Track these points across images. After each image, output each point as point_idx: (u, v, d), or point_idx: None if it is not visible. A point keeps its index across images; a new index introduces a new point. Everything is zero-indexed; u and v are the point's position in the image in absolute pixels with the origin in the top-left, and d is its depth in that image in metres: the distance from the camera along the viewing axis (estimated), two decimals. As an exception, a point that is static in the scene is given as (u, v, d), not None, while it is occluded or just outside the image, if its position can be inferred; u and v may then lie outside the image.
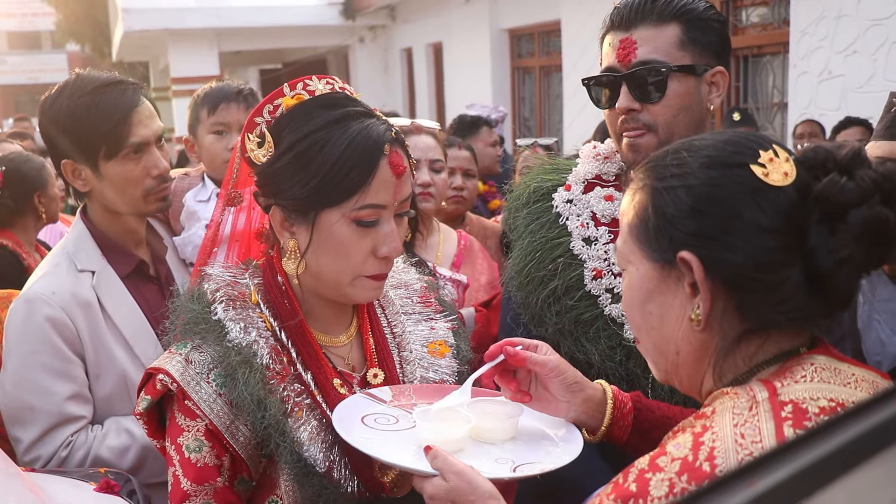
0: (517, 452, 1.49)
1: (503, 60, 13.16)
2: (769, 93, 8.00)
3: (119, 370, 2.18)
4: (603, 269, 1.95)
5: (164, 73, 20.35)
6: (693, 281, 1.18)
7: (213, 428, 1.49)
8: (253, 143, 1.56)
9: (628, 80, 1.88)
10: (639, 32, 1.87)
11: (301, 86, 1.55)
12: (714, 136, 1.27)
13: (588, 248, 1.98)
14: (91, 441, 2.12)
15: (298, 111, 1.53)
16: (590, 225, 2.00)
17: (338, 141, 1.48)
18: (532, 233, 2.04)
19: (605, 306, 1.92)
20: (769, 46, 7.82)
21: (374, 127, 1.51)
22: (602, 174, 2.07)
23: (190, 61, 16.34)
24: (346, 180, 1.48)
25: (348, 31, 17.68)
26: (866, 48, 6.38)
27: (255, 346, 1.52)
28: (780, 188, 1.15)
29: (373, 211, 1.52)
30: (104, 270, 2.25)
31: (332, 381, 1.59)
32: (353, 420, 1.48)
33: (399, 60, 17.43)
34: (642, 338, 1.31)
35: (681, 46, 1.87)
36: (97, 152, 2.20)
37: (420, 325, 1.78)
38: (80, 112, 2.18)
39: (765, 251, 1.14)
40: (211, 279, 1.62)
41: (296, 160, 1.50)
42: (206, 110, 2.86)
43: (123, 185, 2.24)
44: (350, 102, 1.55)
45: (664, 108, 1.87)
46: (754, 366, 1.20)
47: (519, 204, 2.12)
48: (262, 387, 1.48)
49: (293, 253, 1.57)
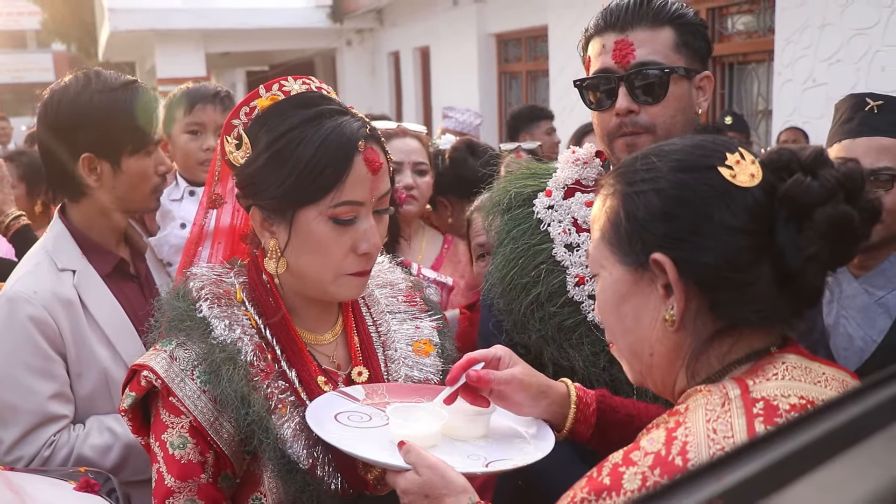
0: (489, 449, 1.49)
1: (490, 65, 13.19)
2: (754, 100, 8.05)
3: (101, 368, 2.17)
4: (585, 275, 1.95)
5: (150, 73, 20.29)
6: (666, 282, 1.20)
7: (197, 425, 1.49)
8: (231, 146, 1.57)
9: (627, 81, 1.87)
10: (635, 34, 1.87)
11: (277, 87, 1.56)
12: (682, 140, 1.30)
13: (570, 254, 1.98)
14: (73, 440, 2.11)
15: (273, 111, 1.54)
16: (571, 231, 2.00)
17: (312, 139, 1.49)
18: (514, 239, 2.04)
19: (588, 312, 1.92)
20: (754, 54, 7.87)
21: (347, 124, 1.52)
22: (582, 179, 2.07)
23: (176, 62, 16.30)
24: (320, 178, 1.48)
25: (336, 34, 17.67)
26: (850, 57, 6.44)
27: (240, 343, 1.53)
28: (748, 189, 1.18)
29: (350, 208, 1.52)
30: (85, 269, 2.25)
31: (316, 379, 1.59)
32: (326, 417, 1.49)
33: (386, 64, 17.44)
34: (617, 341, 1.32)
35: (675, 49, 1.88)
36: (124, 147, 2.24)
37: (405, 324, 1.78)
38: (114, 107, 2.22)
39: (735, 251, 1.17)
40: (196, 277, 1.62)
41: (271, 160, 1.51)
42: (182, 110, 2.88)
43: (138, 180, 2.28)
44: (325, 101, 1.56)
45: (663, 109, 1.87)
46: (727, 364, 1.23)
47: (499, 210, 2.12)
48: (246, 383, 1.48)
49: (273, 252, 1.58)
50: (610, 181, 1.30)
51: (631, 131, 1.89)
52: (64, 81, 2.29)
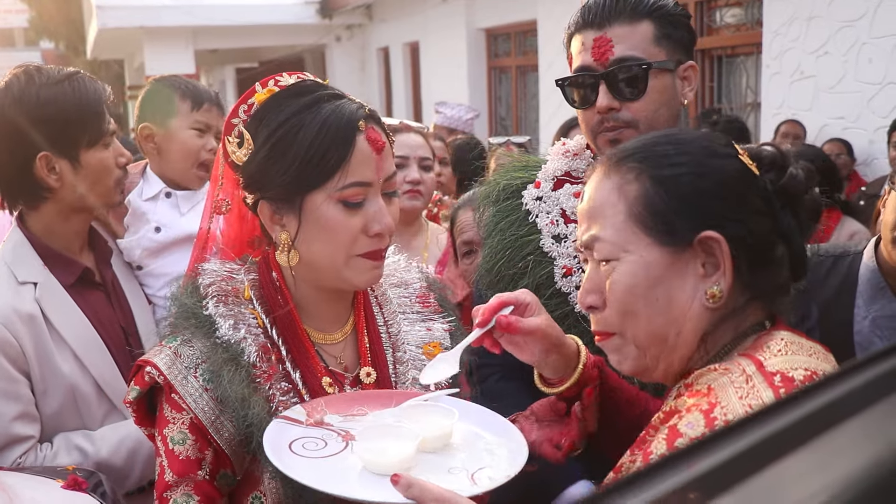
0: (464, 459, 1.39)
1: (480, 60, 13.18)
2: (743, 93, 8.08)
3: (66, 385, 2.08)
4: (573, 266, 1.95)
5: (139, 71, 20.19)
6: (705, 261, 1.25)
7: (197, 422, 1.49)
8: (233, 145, 1.56)
9: (607, 78, 1.87)
10: (613, 30, 1.86)
11: (272, 82, 1.56)
12: (689, 131, 1.36)
13: (558, 245, 1.98)
14: (41, 461, 2.03)
15: (270, 103, 1.53)
16: (559, 222, 2.01)
17: (311, 124, 1.49)
18: (502, 231, 2.04)
19: (576, 304, 1.91)
20: (742, 47, 7.90)
21: (345, 105, 1.52)
22: (571, 171, 2.07)
23: (165, 59, 16.19)
24: (324, 160, 1.48)
25: (325, 30, 17.63)
26: (837, 49, 6.47)
27: (244, 344, 1.52)
28: (758, 176, 1.30)
29: (358, 189, 1.51)
30: (47, 281, 2.12)
31: (321, 381, 1.58)
32: (286, 451, 1.37)
33: (376, 60, 17.41)
34: (633, 327, 1.30)
35: (656, 43, 1.87)
36: (80, 140, 2.13)
37: (416, 325, 1.75)
38: (62, 100, 2.10)
39: (765, 230, 1.28)
40: (206, 273, 1.60)
41: (273, 150, 1.50)
42: (188, 104, 2.65)
43: (100, 173, 2.17)
44: (319, 87, 1.56)
45: (645, 104, 1.87)
46: (737, 336, 1.28)
47: (489, 202, 2.12)
48: (247, 385, 1.48)
49: (285, 246, 1.56)
50: (629, 165, 1.30)
51: (613, 126, 1.89)
52: (4, 82, 2.12)
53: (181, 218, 2.56)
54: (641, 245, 1.27)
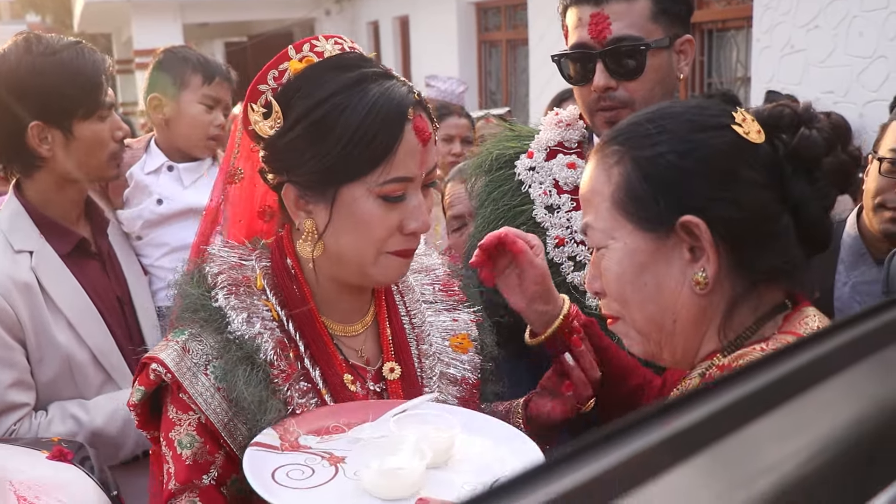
0: (472, 472, 1.30)
1: (470, 34, 13.12)
2: (733, 67, 8.07)
3: (62, 353, 2.10)
4: (565, 236, 1.95)
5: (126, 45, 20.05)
6: (692, 245, 1.19)
7: (207, 423, 1.36)
8: (258, 115, 1.41)
9: (604, 57, 1.85)
10: (611, 6, 1.83)
11: (307, 47, 1.41)
12: (680, 103, 1.29)
13: (550, 215, 1.98)
14: (35, 429, 2.06)
15: (308, 75, 1.38)
16: (552, 193, 2.00)
17: (356, 106, 1.33)
18: (494, 201, 2.04)
19: (568, 274, 1.93)
20: (733, 21, 7.88)
21: (395, 88, 1.38)
22: (564, 141, 2.07)
23: (153, 33, 16.06)
24: (368, 150, 1.33)
25: (314, 4, 17.51)
26: (827, 23, 6.45)
27: (259, 340, 1.39)
28: (759, 145, 1.21)
29: (400, 185, 1.37)
30: (43, 250, 2.14)
31: (342, 378, 1.46)
32: (270, 482, 1.24)
33: (365, 34, 17.31)
34: (631, 313, 1.28)
35: (653, 19, 1.85)
36: (75, 112, 2.12)
37: (441, 315, 1.62)
38: (57, 70, 2.10)
39: (763, 204, 1.20)
40: (213, 260, 1.46)
41: (311, 130, 1.35)
42: (200, 78, 2.63)
43: (93, 146, 2.17)
44: (365, 63, 1.41)
45: (641, 83, 1.85)
46: (758, 318, 1.24)
47: (481, 171, 2.11)
48: (265, 387, 1.36)
49: (310, 234, 1.42)
50: (613, 148, 1.26)
51: (610, 106, 1.88)
52: (3, 49, 2.14)
53: (184, 191, 2.59)
54: (625, 232, 1.23)
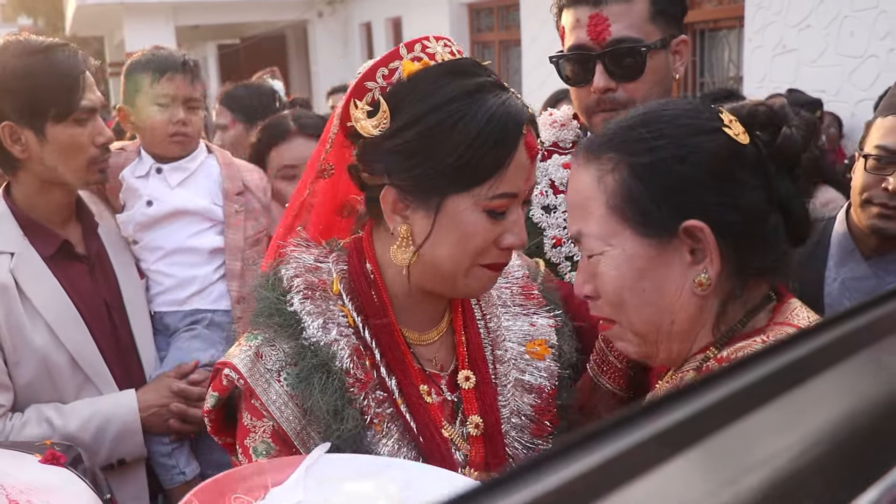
0: None
1: (462, 35, 13.13)
2: (725, 66, 8.10)
3: (39, 356, 2.08)
4: (562, 237, 1.96)
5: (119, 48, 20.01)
6: (693, 248, 1.20)
7: (280, 431, 1.34)
8: (361, 112, 1.35)
9: (604, 59, 1.85)
10: (609, 8, 1.83)
11: (419, 48, 1.37)
12: (673, 104, 1.29)
13: (547, 216, 1.99)
14: (9, 431, 2.04)
15: (423, 78, 1.33)
16: (548, 193, 2.01)
17: (475, 117, 1.28)
18: None
19: (566, 274, 1.93)
20: (725, 21, 7.91)
21: (512, 101, 1.32)
22: (559, 141, 2.07)
23: (146, 36, 15.92)
24: (482, 162, 1.29)
25: (307, 6, 17.50)
26: (819, 22, 6.48)
27: (335, 347, 1.35)
28: (746, 146, 1.22)
29: (507, 200, 1.33)
30: (25, 252, 2.12)
31: (418, 388, 1.41)
32: None
33: (358, 35, 17.31)
34: (629, 316, 1.27)
35: (651, 20, 1.85)
36: (46, 114, 2.09)
37: (519, 319, 1.57)
38: (31, 71, 2.07)
39: (757, 205, 1.21)
40: (289, 262, 1.43)
41: (424, 136, 1.30)
42: (148, 79, 2.60)
43: (69, 150, 2.14)
44: (481, 71, 1.36)
45: (641, 84, 1.86)
46: (747, 312, 1.26)
47: None
48: (341, 396, 1.32)
49: (405, 240, 1.36)
50: (607, 155, 1.25)
51: (609, 107, 1.87)
52: None
53: (171, 192, 2.55)
54: (623, 238, 1.23)
